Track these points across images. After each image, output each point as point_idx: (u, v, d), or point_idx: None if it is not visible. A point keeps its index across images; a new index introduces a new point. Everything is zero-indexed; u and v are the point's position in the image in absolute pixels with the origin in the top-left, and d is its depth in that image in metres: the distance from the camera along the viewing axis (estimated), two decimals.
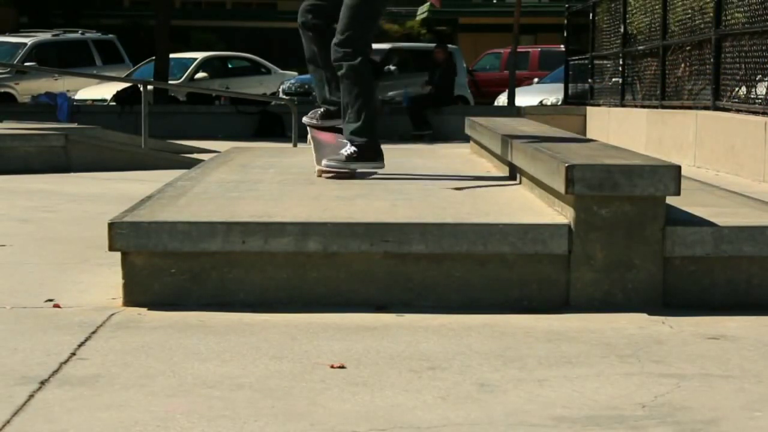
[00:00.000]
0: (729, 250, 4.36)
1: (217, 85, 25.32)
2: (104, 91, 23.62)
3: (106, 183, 10.00)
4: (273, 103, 21.62)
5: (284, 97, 23.01)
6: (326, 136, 6.06)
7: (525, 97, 23.36)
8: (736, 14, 12.03)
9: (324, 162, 5.82)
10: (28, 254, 5.70)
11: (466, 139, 8.48)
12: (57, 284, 4.83)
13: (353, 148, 5.72)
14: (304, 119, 6.15)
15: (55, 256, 5.62)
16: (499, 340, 3.85)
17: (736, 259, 4.39)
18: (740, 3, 11.91)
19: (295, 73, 27.77)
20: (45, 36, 26.45)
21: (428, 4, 43.17)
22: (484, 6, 46.76)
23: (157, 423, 2.90)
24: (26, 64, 23.91)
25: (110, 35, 27.74)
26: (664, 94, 14.68)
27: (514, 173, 5.83)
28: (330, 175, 5.79)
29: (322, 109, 6.09)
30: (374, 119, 5.76)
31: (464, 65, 26.06)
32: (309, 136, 6.20)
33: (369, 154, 5.76)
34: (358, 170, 5.80)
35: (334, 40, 5.67)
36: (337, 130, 5.95)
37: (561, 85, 21.81)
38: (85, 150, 11.54)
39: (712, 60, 12.52)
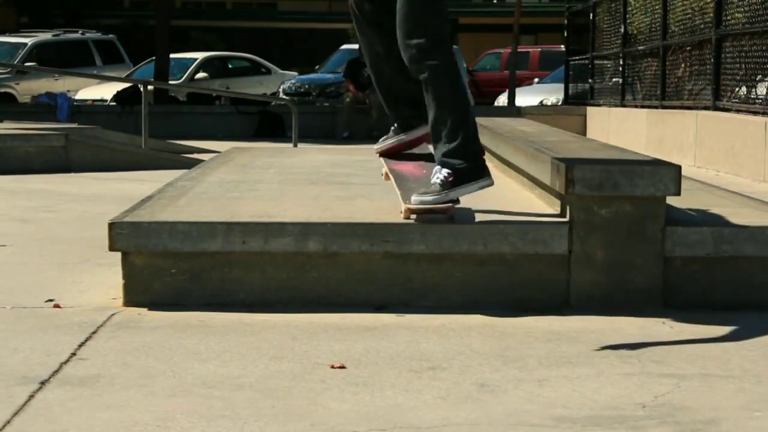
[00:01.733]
0: (729, 251, 4.36)
1: (217, 85, 25.31)
2: (104, 91, 23.62)
3: (106, 183, 10.00)
4: (273, 103, 21.61)
5: (284, 97, 22.99)
6: (407, 167, 4.75)
7: (525, 97, 23.36)
8: (737, 14, 12.02)
9: (414, 198, 4.33)
10: (28, 254, 5.70)
11: None
12: (57, 284, 4.83)
13: (446, 171, 4.30)
14: (375, 148, 4.91)
15: (55, 256, 5.62)
16: (499, 340, 3.85)
17: (737, 259, 4.38)
18: (740, 3, 11.91)
19: (295, 73, 27.76)
20: (45, 36, 26.44)
21: None
22: (484, 6, 46.78)
23: (157, 423, 2.90)
24: (26, 64, 23.90)
25: (110, 35, 27.74)
26: (665, 94, 14.67)
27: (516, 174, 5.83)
28: (423, 210, 4.32)
29: (395, 125, 4.82)
30: (475, 130, 4.42)
31: (464, 65, 26.04)
32: (384, 170, 4.89)
33: (469, 172, 4.34)
34: (461, 197, 4.38)
35: (399, 34, 4.33)
36: (422, 157, 4.74)
37: (561, 85, 21.80)
38: (85, 150, 11.54)
39: (712, 60, 12.52)
